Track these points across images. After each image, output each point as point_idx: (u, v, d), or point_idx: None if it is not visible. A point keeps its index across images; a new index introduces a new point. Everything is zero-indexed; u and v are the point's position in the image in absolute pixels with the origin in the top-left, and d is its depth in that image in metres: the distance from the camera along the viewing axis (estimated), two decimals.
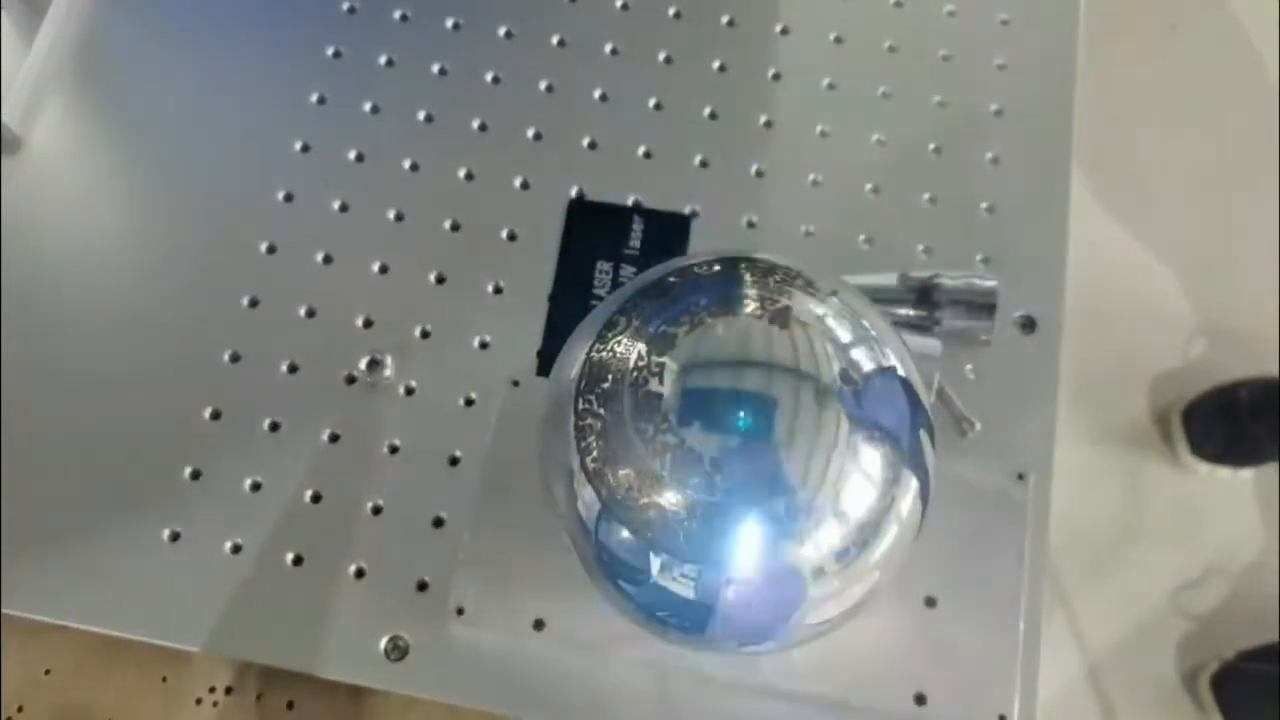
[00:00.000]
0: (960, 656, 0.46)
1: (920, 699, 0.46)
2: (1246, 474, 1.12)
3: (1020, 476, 0.49)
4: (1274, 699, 1.00)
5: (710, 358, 0.34)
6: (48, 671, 0.50)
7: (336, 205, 0.55)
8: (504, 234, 0.55)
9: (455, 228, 0.55)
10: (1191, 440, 1.11)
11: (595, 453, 0.34)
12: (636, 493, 0.33)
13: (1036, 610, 0.47)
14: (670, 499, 0.32)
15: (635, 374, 0.33)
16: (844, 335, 0.35)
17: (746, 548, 0.32)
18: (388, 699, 0.49)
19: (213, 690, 0.50)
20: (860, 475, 0.34)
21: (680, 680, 0.47)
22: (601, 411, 0.34)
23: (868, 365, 0.34)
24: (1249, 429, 1.09)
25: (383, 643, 0.47)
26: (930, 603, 0.47)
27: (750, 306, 0.34)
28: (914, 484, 0.35)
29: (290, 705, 0.50)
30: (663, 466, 0.32)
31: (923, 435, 0.36)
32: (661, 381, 0.33)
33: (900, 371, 0.36)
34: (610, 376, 0.34)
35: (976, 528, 0.48)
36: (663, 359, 0.33)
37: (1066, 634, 1.08)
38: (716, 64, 0.58)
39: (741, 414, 0.32)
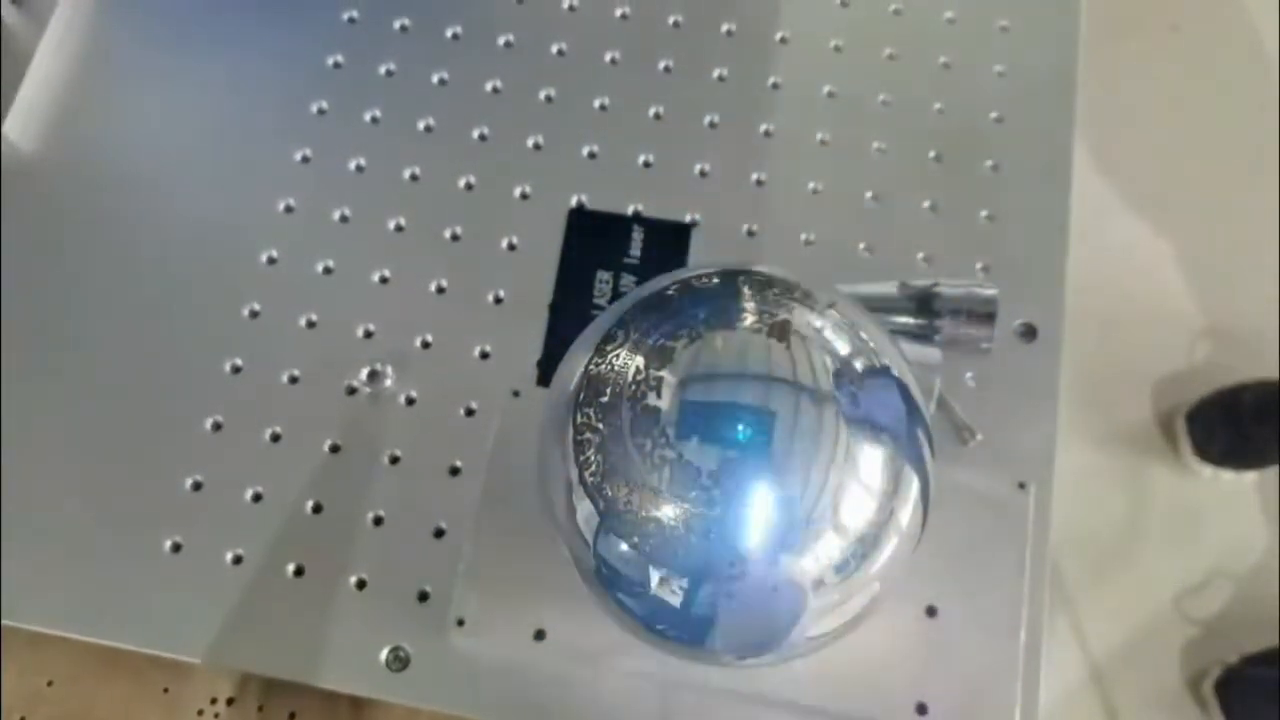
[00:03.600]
0: (962, 666, 0.46)
1: (921, 709, 0.45)
2: (1250, 477, 1.11)
3: (1021, 485, 0.49)
4: (1278, 703, 1.00)
5: (708, 371, 0.34)
6: (49, 683, 0.50)
7: (337, 216, 0.55)
8: (504, 244, 0.55)
9: (455, 238, 0.55)
10: (1195, 443, 1.11)
11: (594, 466, 0.34)
12: (635, 506, 0.33)
13: (1038, 619, 0.47)
14: (669, 512, 0.32)
15: (634, 387, 0.33)
16: (842, 347, 0.35)
17: (745, 561, 0.32)
18: (389, 710, 0.49)
19: (214, 701, 0.50)
20: (859, 487, 0.34)
21: (681, 690, 0.47)
22: (600, 425, 0.34)
23: (866, 377, 0.34)
24: (1253, 432, 1.09)
25: (384, 653, 0.47)
26: (931, 612, 0.47)
27: (748, 320, 0.34)
28: (914, 494, 0.35)
29: (292, 716, 0.50)
30: (661, 480, 0.32)
31: (922, 445, 0.36)
32: (660, 395, 0.33)
33: (899, 382, 0.36)
34: (609, 390, 0.34)
35: (977, 537, 0.48)
36: (661, 372, 0.33)
37: (1069, 638, 1.07)
38: (716, 73, 0.58)
39: (740, 427, 0.32)
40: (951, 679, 0.46)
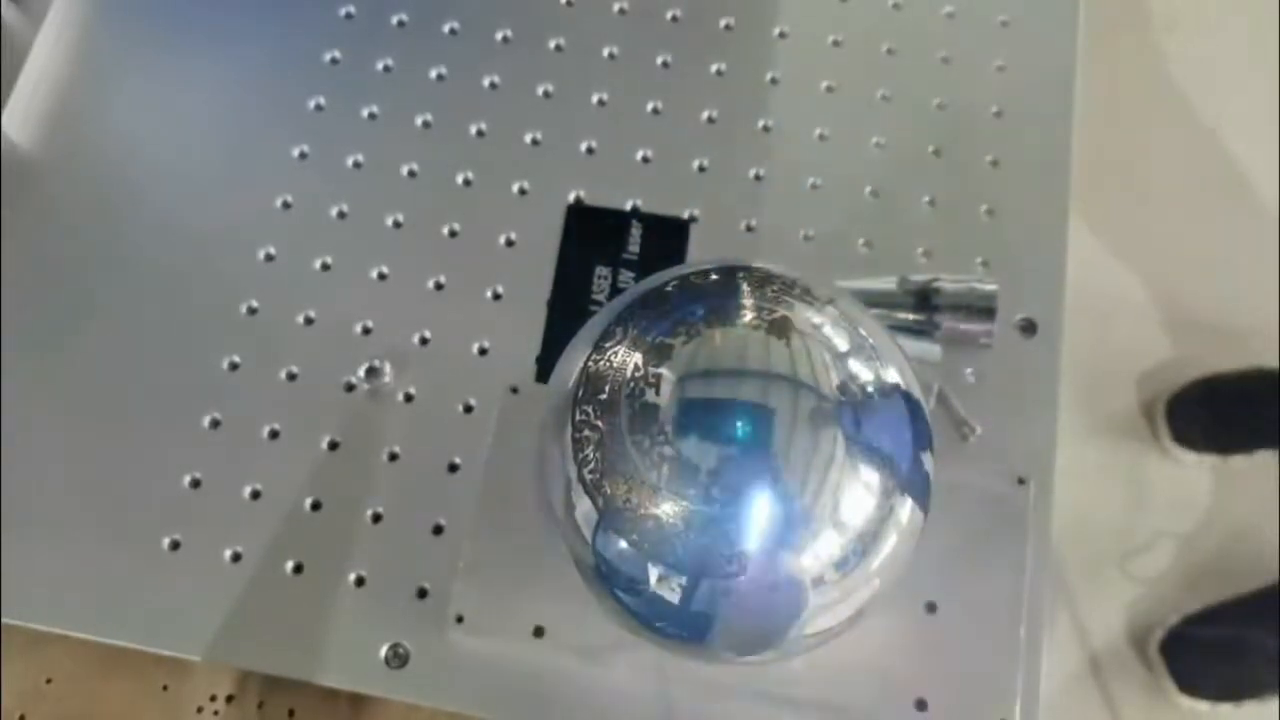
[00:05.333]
0: (961, 662, 0.46)
1: (921, 704, 0.45)
2: (1237, 461, 1.13)
3: (1021, 481, 0.48)
4: (1217, 660, 1.02)
5: (707, 368, 0.34)
6: (49, 680, 0.50)
7: (334, 212, 0.55)
8: (502, 240, 0.55)
9: (453, 234, 0.55)
10: (1174, 430, 1.13)
11: (593, 464, 0.33)
12: (634, 503, 0.33)
13: (1038, 614, 0.47)
14: (668, 509, 0.32)
15: (632, 385, 0.33)
16: (841, 344, 0.34)
17: (745, 558, 0.32)
18: (388, 706, 0.49)
19: (214, 699, 0.50)
20: (859, 484, 0.33)
21: (681, 686, 0.47)
22: (599, 423, 0.33)
23: (866, 374, 0.34)
24: (1231, 415, 1.12)
25: (383, 650, 0.47)
26: (931, 608, 0.47)
27: (747, 316, 0.34)
28: (913, 491, 0.35)
29: (291, 713, 0.50)
30: (660, 478, 0.32)
31: (922, 441, 0.36)
32: (658, 393, 0.33)
33: (898, 379, 0.36)
34: (607, 387, 0.34)
35: (977, 533, 0.48)
36: (659, 370, 0.33)
37: (1069, 631, 1.08)
38: (715, 68, 0.58)
39: (739, 424, 0.32)
40: (951, 675, 0.46)
